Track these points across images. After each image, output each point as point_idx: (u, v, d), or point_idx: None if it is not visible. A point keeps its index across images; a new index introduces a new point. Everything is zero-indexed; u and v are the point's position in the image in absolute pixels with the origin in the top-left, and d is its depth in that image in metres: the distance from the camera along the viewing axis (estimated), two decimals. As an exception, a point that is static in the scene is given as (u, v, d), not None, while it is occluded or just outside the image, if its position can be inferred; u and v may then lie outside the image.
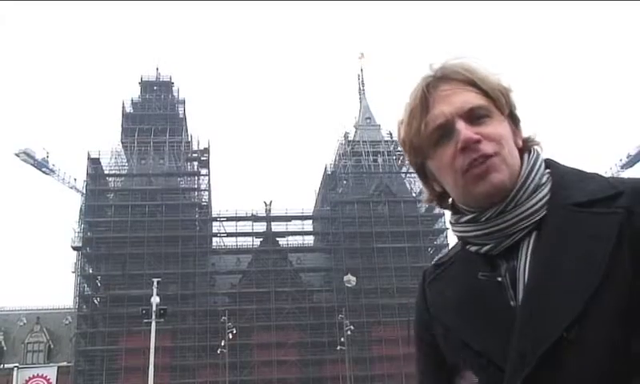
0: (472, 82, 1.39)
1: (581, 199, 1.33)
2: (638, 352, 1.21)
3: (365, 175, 65.80)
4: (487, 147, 1.34)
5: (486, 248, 1.40)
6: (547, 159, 1.46)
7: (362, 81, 75.23)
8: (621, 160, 67.17)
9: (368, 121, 71.70)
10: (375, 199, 64.05)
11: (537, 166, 1.41)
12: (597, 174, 1.42)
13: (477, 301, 1.38)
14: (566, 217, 1.33)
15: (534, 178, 1.39)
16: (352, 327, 52.04)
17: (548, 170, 1.43)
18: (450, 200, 1.50)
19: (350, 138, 68.53)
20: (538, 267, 1.31)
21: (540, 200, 1.37)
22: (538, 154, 1.45)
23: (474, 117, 1.37)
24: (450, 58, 1.43)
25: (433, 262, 1.60)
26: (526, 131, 1.47)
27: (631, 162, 66.46)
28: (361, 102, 74.22)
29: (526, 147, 1.45)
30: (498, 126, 1.38)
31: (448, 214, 1.53)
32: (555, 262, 1.29)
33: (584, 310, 1.22)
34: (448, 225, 1.57)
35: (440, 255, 1.63)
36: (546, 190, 1.38)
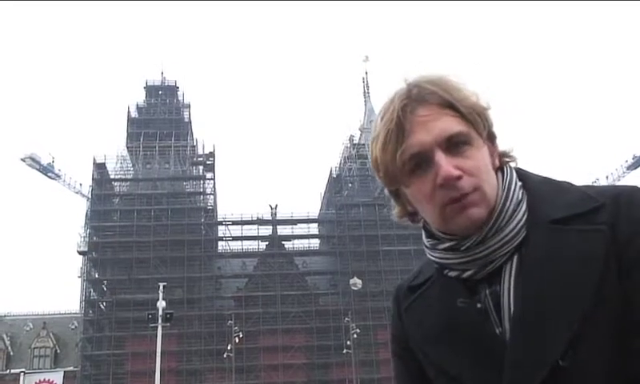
0: (450, 105, 1.31)
1: (560, 215, 1.29)
2: (634, 373, 1.18)
3: (370, 178, 65.64)
4: (467, 184, 1.28)
5: (467, 274, 1.35)
6: (518, 170, 1.41)
7: (367, 83, 75.23)
8: (626, 161, 66.87)
9: (373, 123, 71.54)
10: (381, 202, 63.92)
11: (512, 186, 1.36)
12: (570, 184, 1.38)
13: (459, 330, 1.33)
14: (548, 236, 1.28)
15: (512, 200, 1.33)
16: (358, 330, 51.97)
17: (521, 183, 1.38)
18: (422, 222, 1.44)
19: (355, 141, 68.46)
20: (523, 293, 1.26)
21: (519, 222, 1.32)
22: (512, 171, 1.39)
23: (453, 146, 1.30)
24: (425, 75, 1.36)
25: (406, 283, 1.53)
26: (501, 145, 1.41)
27: (636, 163, 66.10)
28: (366, 104, 74.16)
29: (501, 164, 1.40)
30: (477, 156, 1.32)
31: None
32: (541, 286, 1.24)
33: (576, 335, 1.19)
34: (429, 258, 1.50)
35: (413, 273, 1.54)
36: (524, 208, 1.34)
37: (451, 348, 1.33)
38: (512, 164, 1.41)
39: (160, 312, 35.73)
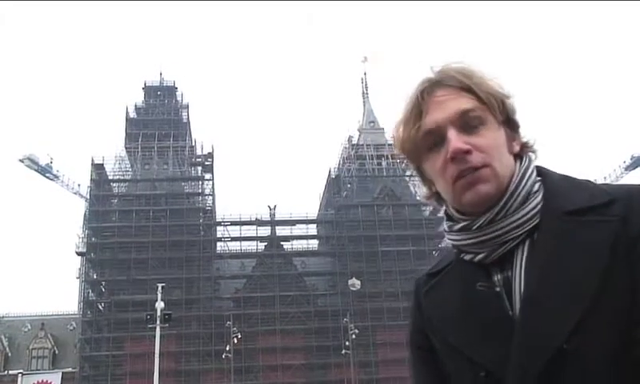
0: (468, 88, 1.38)
1: (574, 207, 1.33)
2: (637, 361, 1.21)
3: (369, 179, 65.77)
4: (476, 159, 1.34)
5: (479, 256, 1.40)
6: (539, 167, 1.46)
7: (366, 84, 75.32)
8: (624, 162, 66.99)
9: (372, 124, 71.65)
10: (379, 203, 64.04)
11: (527, 174, 1.40)
12: (589, 181, 1.42)
13: (476, 312, 1.37)
14: (560, 225, 1.32)
15: (524, 186, 1.39)
16: (357, 331, 51.98)
17: (539, 178, 1.42)
18: (443, 207, 1.50)
19: (353, 142, 68.58)
20: (533, 277, 1.31)
21: (532, 208, 1.37)
22: (530, 161, 1.44)
23: (467, 124, 1.37)
24: (448, 62, 1.43)
25: (426, 272, 1.59)
26: (525, 136, 1.46)
27: (635, 163, 66.27)
28: (364, 105, 74.22)
29: (522, 152, 1.44)
30: (490, 135, 1.37)
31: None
32: (551, 272, 1.29)
33: (582, 321, 1.22)
34: (447, 242, 1.58)
35: (433, 264, 1.60)
36: (539, 198, 1.38)
37: (466, 330, 1.37)
38: (532, 156, 1.46)
39: (158, 313, 35.68)
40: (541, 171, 1.44)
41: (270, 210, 64.04)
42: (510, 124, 1.42)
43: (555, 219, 1.33)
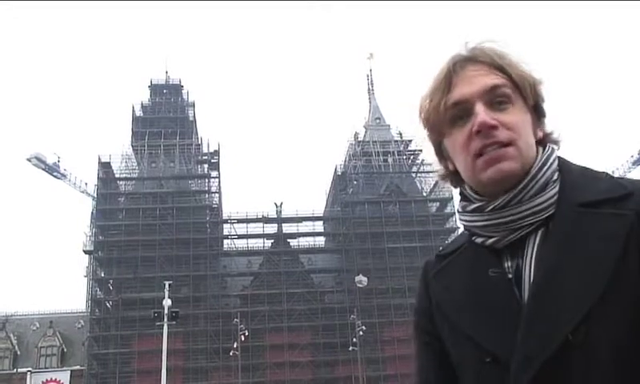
0: (500, 67, 1.37)
1: (590, 199, 1.32)
2: None
3: (375, 175, 65.68)
4: (502, 134, 1.32)
5: (491, 240, 1.38)
6: (559, 157, 1.44)
7: (372, 81, 75.18)
8: (632, 157, 66.67)
9: (378, 121, 71.58)
10: (386, 199, 63.92)
11: (549, 162, 1.39)
12: (606, 174, 1.40)
13: (486, 297, 1.35)
14: (575, 216, 1.31)
15: (544, 173, 1.37)
16: (364, 328, 51.94)
17: (559, 169, 1.42)
18: (459, 187, 1.48)
19: (359, 139, 68.47)
20: (543, 266, 1.29)
21: (550, 197, 1.35)
22: (553, 150, 1.42)
23: (495, 101, 1.35)
24: (483, 39, 1.42)
25: (436, 253, 1.57)
26: (550, 127, 1.45)
27: (643, 158, 65.90)
28: (370, 102, 74.10)
29: (544, 141, 1.43)
30: (517, 115, 1.36)
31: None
32: (562, 262, 1.28)
33: (590, 313, 1.21)
34: (459, 224, 1.56)
35: (444, 245, 1.58)
36: (557, 188, 1.37)
37: (476, 315, 1.36)
38: (555, 147, 1.45)
39: (166, 310, 35.78)
40: (561, 162, 1.43)
41: (277, 207, 64.07)
42: (537, 110, 1.42)
43: (570, 210, 1.32)
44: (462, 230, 1.53)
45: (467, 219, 1.44)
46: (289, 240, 64.36)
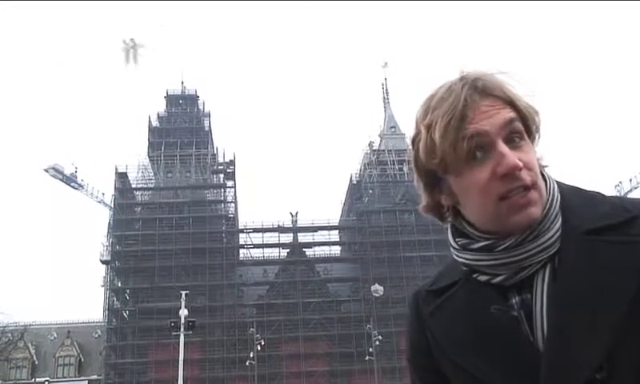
0: (511, 102, 1.30)
1: (594, 225, 1.27)
2: None
3: (390, 184, 65.59)
4: (527, 177, 1.25)
5: (498, 279, 1.30)
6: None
7: (387, 90, 75.27)
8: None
9: (393, 130, 71.55)
10: (401, 208, 63.76)
11: (557, 192, 1.33)
12: (599, 194, 1.36)
13: (492, 337, 1.28)
14: (582, 246, 1.26)
15: (555, 206, 1.30)
16: (380, 337, 51.80)
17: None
18: (450, 221, 1.39)
19: (375, 148, 68.48)
20: (559, 303, 1.23)
21: (556, 231, 1.28)
22: (552, 178, 1.36)
23: (511, 137, 1.27)
24: (485, 70, 1.33)
25: (425, 287, 1.48)
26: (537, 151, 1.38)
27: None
28: (385, 110, 74.16)
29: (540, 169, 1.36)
30: (531, 152, 1.30)
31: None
32: (577, 297, 1.22)
33: (613, 349, 1.17)
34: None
35: (432, 279, 1.48)
36: (560, 219, 1.30)
37: (483, 355, 1.29)
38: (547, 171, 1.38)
39: (182, 320, 35.88)
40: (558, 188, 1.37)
41: (292, 216, 64.17)
42: (533, 140, 1.35)
43: (576, 240, 1.26)
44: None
45: (468, 257, 1.34)
46: (304, 249, 64.39)
